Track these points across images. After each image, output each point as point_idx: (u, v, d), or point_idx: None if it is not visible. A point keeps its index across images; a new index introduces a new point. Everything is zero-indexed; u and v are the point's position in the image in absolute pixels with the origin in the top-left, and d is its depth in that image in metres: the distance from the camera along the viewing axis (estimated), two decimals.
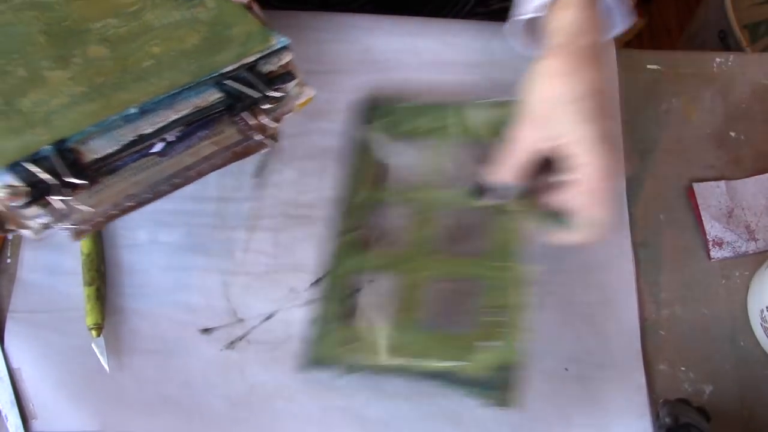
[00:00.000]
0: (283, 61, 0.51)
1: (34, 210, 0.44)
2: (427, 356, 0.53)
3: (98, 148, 0.46)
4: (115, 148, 0.46)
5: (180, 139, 0.49)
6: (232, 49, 0.49)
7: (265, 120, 0.51)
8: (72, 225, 0.45)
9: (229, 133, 0.50)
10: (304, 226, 0.60)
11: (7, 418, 0.54)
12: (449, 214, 0.59)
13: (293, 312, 0.57)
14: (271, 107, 0.51)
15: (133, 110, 0.46)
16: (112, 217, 0.47)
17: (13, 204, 0.43)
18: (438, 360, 0.52)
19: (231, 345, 0.57)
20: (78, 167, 0.45)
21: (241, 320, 0.57)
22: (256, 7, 0.53)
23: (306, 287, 0.58)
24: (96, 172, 0.46)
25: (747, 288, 0.60)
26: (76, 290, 0.56)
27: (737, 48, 1.11)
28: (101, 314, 0.55)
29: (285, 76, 0.51)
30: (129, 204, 0.48)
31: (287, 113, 0.53)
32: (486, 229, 0.57)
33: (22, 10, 0.49)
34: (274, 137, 0.52)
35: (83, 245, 0.57)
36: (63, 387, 0.55)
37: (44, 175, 0.43)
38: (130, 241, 0.59)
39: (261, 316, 0.57)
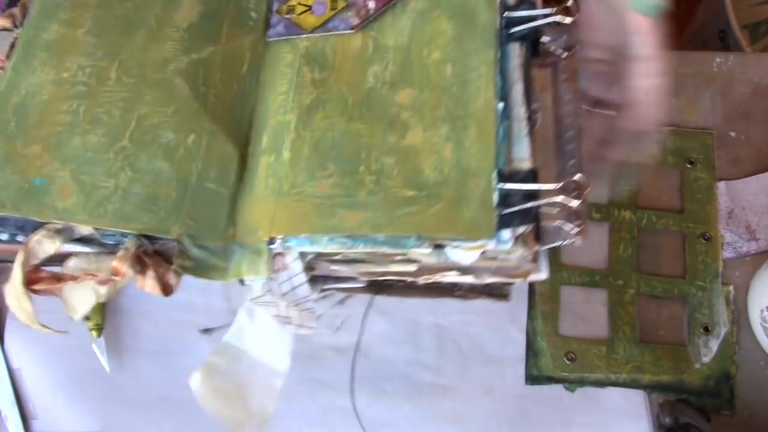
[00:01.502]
0: None
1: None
2: (644, 370, 0.56)
3: None
4: None
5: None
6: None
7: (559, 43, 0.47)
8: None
9: (545, 74, 0.47)
10: None
11: (7, 418, 0.54)
12: (647, 232, 0.61)
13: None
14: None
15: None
16: None
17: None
18: (655, 374, 0.56)
19: None
20: None
21: None
22: None
23: None
24: None
25: (747, 288, 0.60)
26: None
27: (737, 48, 1.10)
28: (102, 315, 0.55)
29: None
30: None
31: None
32: (682, 250, 0.60)
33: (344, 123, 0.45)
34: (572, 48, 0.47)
35: None
36: (63, 387, 0.55)
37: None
38: None
39: None
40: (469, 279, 0.42)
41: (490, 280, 0.42)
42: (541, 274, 0.41)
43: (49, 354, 0.55)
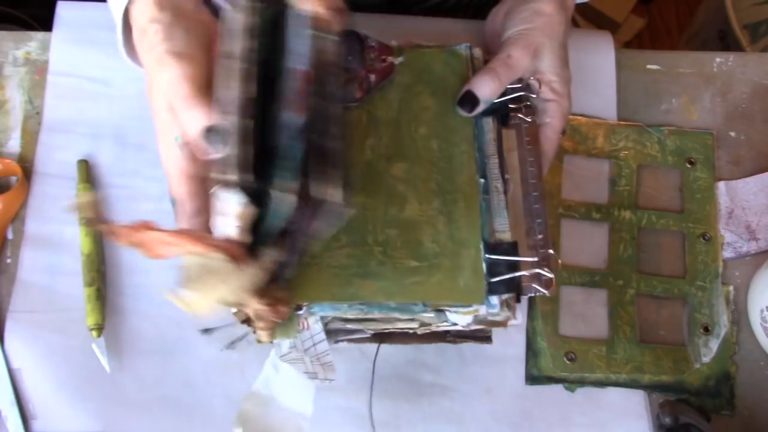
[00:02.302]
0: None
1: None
2: (644, 370, 0.56)
3: None
4: None
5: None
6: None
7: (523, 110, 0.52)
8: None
9: (511, 135, 0.52)
10: None
11: (7, 418, 0.54)
12: (647, 232, 0.61)
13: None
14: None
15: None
16: None
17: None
18: (655, 374, 0.56)
19: (231, 345, 0.57)
20: None
21: None
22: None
23: None
24: None
25: (747, 288, 0.60)
26: (77, 290, 0.56)
27: (737, 48, 1.10)
28: (102, 315, 0.55)
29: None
30: None
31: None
32: (682, 250, 0.61)
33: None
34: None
35: (83, 245, 0.57)
36: (63, 387, 0.55)
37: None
38: None
39: None
40: (458, 327, 0.48)
41: (475, 327, 0.48)
42: (518, 321, 0.47)
43: (49, 354, 0.55)
